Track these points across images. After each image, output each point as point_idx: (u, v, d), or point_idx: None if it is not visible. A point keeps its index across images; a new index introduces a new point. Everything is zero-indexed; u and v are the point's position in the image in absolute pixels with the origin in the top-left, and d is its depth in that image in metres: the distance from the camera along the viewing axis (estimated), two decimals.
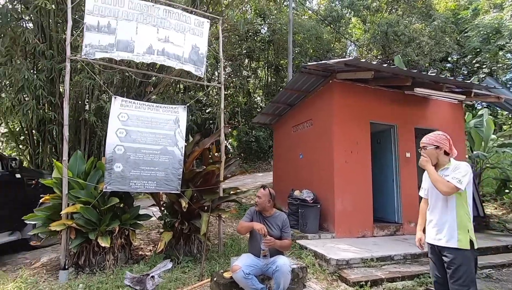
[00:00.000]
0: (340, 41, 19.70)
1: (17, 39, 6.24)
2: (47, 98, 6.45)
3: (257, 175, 13.56)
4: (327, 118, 5.39)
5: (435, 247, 2.32)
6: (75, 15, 4.44)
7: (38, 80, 6.01)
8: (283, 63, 16.89)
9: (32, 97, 6.19)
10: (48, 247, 4.47)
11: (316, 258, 4.05)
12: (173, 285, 3.18)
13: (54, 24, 6.62)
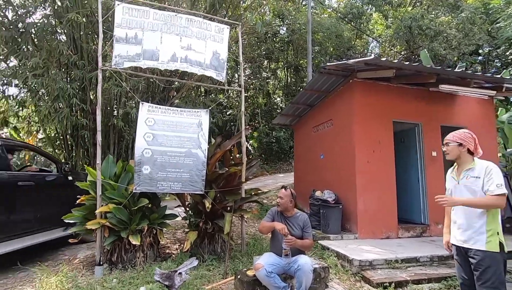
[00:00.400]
0: (361, 38, 19.27)
1: (53, 52, 6.74)
2: (80, 106, 6.89)
3: (278, 176, 13.59)
4: (348, 118, 5.36)
5: (460, 249, 2.27)
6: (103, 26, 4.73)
7: (71, 89, 6.44)
8: (302, 63, 16.81)
9: (66, 105, 6.65)
10: (83, 244, 4.80)
11: (338, 258, 4.05)
12: (199, 282, 3.33)
13: (84, 36, 7.07)
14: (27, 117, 9.34)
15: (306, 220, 3.11)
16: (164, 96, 8.63)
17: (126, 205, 3.75)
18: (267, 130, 15.64)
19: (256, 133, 16.36)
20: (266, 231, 3.11)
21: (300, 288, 2.79)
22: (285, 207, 3.07)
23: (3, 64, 7.39)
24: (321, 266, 3.33)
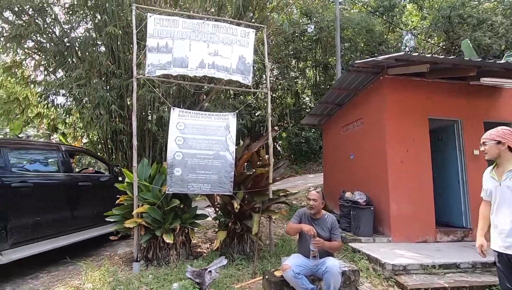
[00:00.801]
0: (394, 32, 18.40)
1: (94, 63, 7.29)
2: (118, 112, 7.37)
3: (308, 176, 13.43)
4: (378, 116, 5.17)
5: (503, 255, 2.11)
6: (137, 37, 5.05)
7: (110, 97, 6.92)
8: (331, 61, 16.44)
9: (106, 112, 7.15)
10: (123, 241, 5.14)
11: (370, 262, 3.93)
12: (229, 280, 3.42)
13: (121, 47, 7.56)
14: (73, 124, 10.18)
15: (334, 221, 3.07)
16: (195, 100, 8.94)
17: (159, 206, 3.97)
18: (296, 130, 15.51)
19: (285, 134, 16.31)
20: (293, 233, 3.12)
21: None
22: (318, 210, 3.05)
23: (52, 76, 8.13)
24: (351, 269, 3.26)
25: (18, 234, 3.50)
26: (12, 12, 7.18)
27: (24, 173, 3.81)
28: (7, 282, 3.64)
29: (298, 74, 17.93)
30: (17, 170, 3.75)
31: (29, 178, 3.80)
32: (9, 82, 8.07)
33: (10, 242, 3.42)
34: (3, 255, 3.32)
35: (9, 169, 3.59)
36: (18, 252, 3.48)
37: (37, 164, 4.24)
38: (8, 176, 3.54)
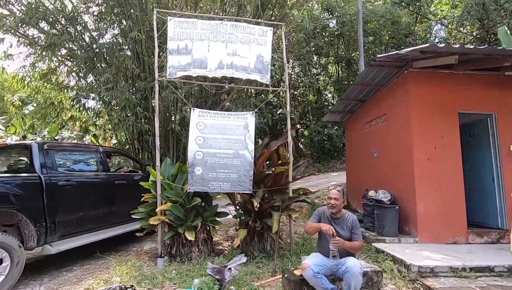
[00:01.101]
0: (422, 22, 17.52)
1: (120, 67, 7.61)
2: (143, 113, 7.67)
3: (331, 174, 13.20)
4: (403, 112, 4.96)
5: None
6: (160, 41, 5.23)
7: (136, 99, 7.21)
8: (354, 56, 15.99)
9: (132, 114, 7.47)
10: (149, 237, 5.36)
11: (394, 263, 3.79)
12: (249, 278, 3.46)
13: (146, 50, 7.83)
14: (102, 126, 10.72)
15: (354, 221, 3.00)
16: (216, 100, 9.07)
17: (182, 204, 4.08)
18: (319, 128, 15.28)
19: (307, 132, 16.12)
20: (312, 232, 3.09)
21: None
22: (339, 209, 2.99)
23: (83, 81, 8.61)
24: (373, 270, 3.18)
25: (64, 228, 3.92)
26: (47, 22, 7.69)
27: (68, 173, 4.23)
28: (46, 274, 3.94)
29: (320, 71, 17.64)
30: (63, 170, 4.17)
31: (73, 177, 4.22)
32: (45, 88, 8.66)
33: (58, 234, 3.85)
34: (52, 246, 3.75)
35: (56, 169, 4.01)
36: (65, 244, 3.90)
37: (79, 164, 4.71)
38: (56, 175, 3.95)
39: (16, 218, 3.49)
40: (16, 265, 3.29)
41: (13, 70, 8.46)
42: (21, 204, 3.48)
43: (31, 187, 3.63)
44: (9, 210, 3.40)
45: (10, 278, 3.25)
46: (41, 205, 3.68)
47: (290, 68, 17.07)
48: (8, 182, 3.44)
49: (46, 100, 8.77)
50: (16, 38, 7.60)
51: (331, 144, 14.97)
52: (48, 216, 3.71)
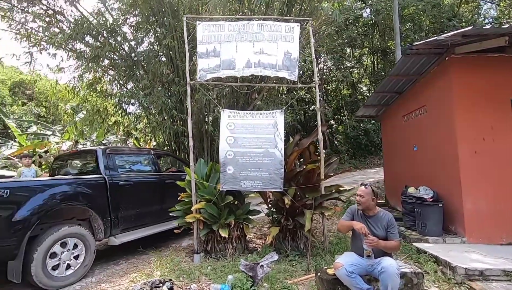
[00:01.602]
0: (468, 3, 16.01)
1: (156, 72, 8.04)
2: (178, 116, 8.01)
3: (369, 171, 12.66)
4: (445, 102, 4.60)
5: None
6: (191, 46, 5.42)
7: (171, 103, 7.56)
8: (391, 45, 15.12)
9: (168, 117, 7.85)
10: (187, 234, 5.61)
11: (438, 264, 3.55)
12: (282, 275, 3.47)
13: (179, 55, 8.18)
14: (143, 129, 11.40)
15: (390, 219, 2.87)
16: (247, 99, 9.18)
17: (215, 202, 4.22)
18: (354, 123, 14.74)
19: (341, 127, 15.64)
20: (345, 230, 3.01)
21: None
22: (366, 206, 2.89)
23: (124, 88, 9.24)
24: (413, 271, 3.00)
25: (125, 222, 4.47)
26: (91, 36, 8.37)
27: (127, 174, 4.79)
28: (96, 266, 4.31)
29: (354, 63, 16.97)
30: (122, 171, 4.73)
31: (130, 177, 4.77)
32: (92, 97, 9.44)
33: (121, 228, 4.43)
34: (116, 238, 4.34)
35: (117, 171, 4.60)
36: (126, 236, 4.45)
37: (135, 166, 5.23)
38: (117, 176, 4.53)
39: (87, 214, 4.14)
40: (89, 252, 3.95)
41: (65, 82, 9.36)
42: (90, 201, 4.08)
43: (98, 187, 4.23)
44: (82, 207, 4.03)
45: (85, 262, 3.90)
46: (106, 202, 4.26)
47: (322, 63, 16.66)
48: (80, 183, 4.05)
49: (93, 108, 9.56)
50: (66, 53, 8.38)
51: (368, 139, 14.36)
52: (112, 212, 4.31)
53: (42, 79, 20.56)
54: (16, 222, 3.31)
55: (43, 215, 3.53)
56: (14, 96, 23.14)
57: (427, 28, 14.71)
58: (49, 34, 7.83)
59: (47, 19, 7.95)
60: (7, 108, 20.49)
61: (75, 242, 3.83)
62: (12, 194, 3.34)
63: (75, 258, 3.83)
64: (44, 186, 3.67)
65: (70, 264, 3.77)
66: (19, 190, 3.47)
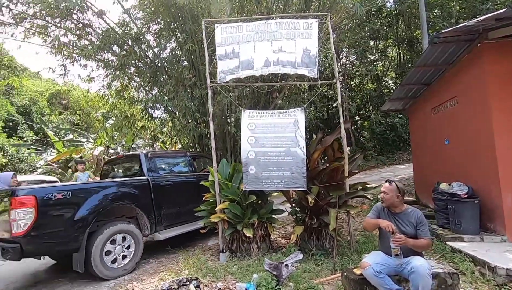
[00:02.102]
0: None
1: (179, 77, 8.27)
2: (201, 118, 8.18)
3: (398, 167, 12.16)
4: (479, 92, 4.31)
5: None
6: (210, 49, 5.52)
7: (194, 106, 7.74)
8: (417, 35, 14.41)
9: (191, 119, 8.03)
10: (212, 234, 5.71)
11: (475, 264, 3.34)
12: (308, 275, 3.44)
13: (200, 59, 8.36)
14: (168, 132, 11.77)
15: (419, 217, 2.74)
16: (268, 98, 9.17)
17: (239, 202, 4.26)
18: (380, 118, 14.21)
19: (367, 123, 15.16)
20: (370, 229, 2.92)
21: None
22: (391, 203, 2.79)
23: (149, 94, 9.60)
24: (447, 271, 2.84)
25: (167, 220, 4.80)
26: (118, 46, 8.79)
27: (167, 175, 5.21)
28: None
29: (378, 56, 16.36)
30: (163, 173, 5.15)
31: (170, 178, 5.17)
32: (120, 103, 9.90)
33: (164, 225, 4.80)
34: (161, 234, 4.71)
35: (158, 173, 5.02)
36: (168, 233, 4.80)
37: (174, 167, 5.64)
38: (158, 177, 4.94)
39: (134, 212, 4.57)
40: (138, 246, 4.36)
41: (95, 90, 9.90)
42: (137, 201, 4.51)
43: (142, 188, 4.66)
44: (130, 206, 4.47)
45: (135, 255, 4.33)
46: (150, 201, 4.67)
47: (344, 58, 16.25)
48: (128, 185, 4.52)
49: (121, 114, 10.03)
50: (95, 63, 8.87)
51: (396, 135, 13.78)
52: (155, 210, 4.70)
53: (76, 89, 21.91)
54: (78, 220, 3.79)
55: (98, 213, 3.99)
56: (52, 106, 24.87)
57: (457, 14, 13.83)
58: (80, 47, 8.32)
59: (77, 33, 8.45)
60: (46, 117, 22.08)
61: (126, 237, 4.26)
62: (73, 196, 3.82)
63: (127, 250, 4.27)
64: (98, 188, 4.16)
65: (123, 256, 4.22)
66: (79, 192, 3.95)
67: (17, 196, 3.45)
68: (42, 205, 3.52)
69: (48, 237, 3.59)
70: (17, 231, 3.39)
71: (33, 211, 3.45)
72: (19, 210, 3.41)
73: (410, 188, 7.94)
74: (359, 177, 9.92)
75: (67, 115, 23.55)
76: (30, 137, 19.48)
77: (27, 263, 4.58)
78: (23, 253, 3.45)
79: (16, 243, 3.42)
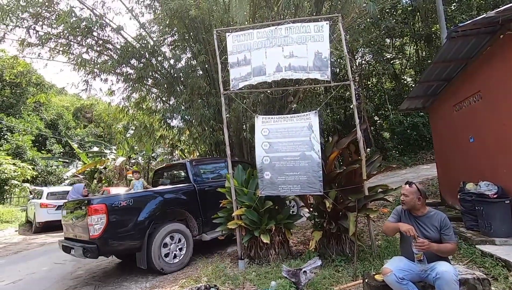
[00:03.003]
0: None
1: (194, 86, 8.44)
2: (217, 126, 8.29)
3: (421, 167, 11.71)
4: (503, 85, 4.09)
5: None
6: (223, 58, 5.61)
7: (209, 114, 7.86)
8: (436, 30, 13.93)
9: (208, 127, 8.16)
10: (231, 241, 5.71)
11: (508, 269, 3.13)
12: (327, 281, 3.35)
13: (213, 68, 8.50)
14: (186, 141, 12.00)
15: (444, 219, 2.61)
16: (283, 103, 9.15)
17: (255, 208, 4.25)
18: (400, 117, 13.77)
19: (386, 123, 14.75)
20: (391, 233, 2.82)
21: None
22: (412, 206, 2.68)
23: (166, 104, 9.86)
24: (476, 277, 2.68)
25: (212, 222, 4.92)
26: (135, 59, 9.13)
27: (209, 181, 5.60)
28: (150, 273, 4.60)
29: (395, 54, 15.95)
30: (206, 178, 5.57)
31: (212, 183, 5.49)
32: (139, 114, 10.24)
33: (209, 227, 5.15)
34: (207, 235, 5.13)
35: (202, 179, 5.47)
36: (213, 234, 5.12)
37: (215, 173, 6.03)
38: (202, 183, 5.39)
39: (184, 215, 5.06)
40: (189, 245, 4.86)
41: (115, 103, 10.30)
42: (186, 205, 5.04)
43: (190, 193, 5.15)
44: (181, 210, 5.02)
45: (187, 252, 4.81)
46: (197, 205, 5.13)
47: (360, 58, 15.97)
48: (178, 191, 5.09)
49: (140, 124, 10.35)
50: (115, 77, 9.25)
51: (417, 134, 13.29)
52: (202, 213, 5.14)
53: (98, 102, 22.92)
54: (139, 222, 4.38)
55: (155, 217, 4.57)
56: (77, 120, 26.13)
57: (478, 5, 13.27)
58: (100, 62, 8.71)
59: (98, 49, 8.87)
60: (71, 131, 23.21)
61: (179, 236, 4.76)
62: (134, 202, 4.44)
63: (180, 249, 4.75)
64: (154, 195, 4.78)
65: (176, 254, 4.69)
66: (139, 199, 4.58)
67: (92, 204, 4.09)
68: (111, 211, 4.15)
69: (117, 238, 4.23)
70: (93, 234, 4.04)
71: (104, 217, 4.08)
72: (94, 216, 4.05)
73: (434, 189, 7.61)
74: (380, 179, 9.65)
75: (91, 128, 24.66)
76: (58, 150, 20.54)
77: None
78: (99, 252, 4.09)
79: (93, 244, 4.08)
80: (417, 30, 14.82)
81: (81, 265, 5.65)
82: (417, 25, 14.91)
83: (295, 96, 9.27)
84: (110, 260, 5.63)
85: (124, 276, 4.75)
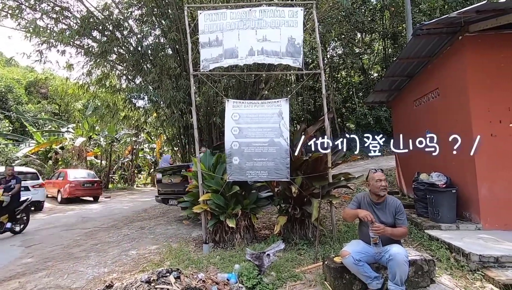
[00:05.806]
0: None
1: (163, 66, 8.04)
2: (187, 109, 8.03)
3: (381, 159, 12.40)
4: (459, 84, 4.40)
5: None
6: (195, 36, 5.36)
7: (179, 96, 7.56)
8: (402, 30, 14.57)
9: (177, 110, 7.87)
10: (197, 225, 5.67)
11: (451, 251, 3.45)
12: (290, 264, 3.45)
13: (184, 48, 8.14)
14: (152, 123, 11.53)
15: (398, 205, 2.79)
16: (255, 90, 9.09)
17: (222, 192, 4.22)
18: (366, 110, 14.39)
19: (352, 115, 15.33)
20: (350, 219, 2.95)
21: (394, 280, 2.54)
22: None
23: (132, 82, 9.32)
24: (423, 258, 2.92)
25: None
26: (98, 31, 8.43)
27: None
28: (109, 257, 4.41)
29: (364, 49, 16.48)
30: None
31: None
32: (101, 92, 9.58)
33: None
34: None
35: None
36: None
37: None
38: None
39: None
40: None
41: (74, 79, 9.51)
42: None
43: None
44: None
45: None
46: None
47: (331, 50, 16.27)
48: None
49: (102, 103, 9.70)
50: (74, 49, 8.50)
51: (380, 127, 14.02)
52: None
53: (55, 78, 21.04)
54: None
55: None
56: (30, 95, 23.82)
57: (442, 8, 14.03)
58: (57, 31, 7.92)
59: (54, 16, 8.04)
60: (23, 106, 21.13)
61: None
62: None
63: None
64: None
65: None
66: None
67: (189, 167, 5.41)
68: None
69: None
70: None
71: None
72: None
73: (392, 178, 8.14)
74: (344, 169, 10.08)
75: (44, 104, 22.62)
76: (7, 128, 18.65)
77: None
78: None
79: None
80: (385, 28, 15.38)
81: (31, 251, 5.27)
82: (386, 23, 15.45)
83: (267, 83, 9.25)
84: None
85: None
